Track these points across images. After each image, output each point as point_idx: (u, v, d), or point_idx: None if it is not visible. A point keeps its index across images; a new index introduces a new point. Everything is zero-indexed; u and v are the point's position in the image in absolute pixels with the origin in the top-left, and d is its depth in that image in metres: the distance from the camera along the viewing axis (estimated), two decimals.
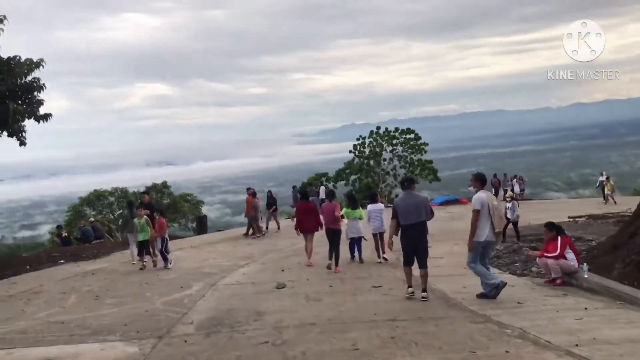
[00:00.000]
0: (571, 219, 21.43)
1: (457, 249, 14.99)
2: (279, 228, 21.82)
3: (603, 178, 30.24)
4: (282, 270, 12.55)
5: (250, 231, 20.55)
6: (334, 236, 12.58)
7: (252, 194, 20.72)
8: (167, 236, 14.25)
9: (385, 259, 13.00)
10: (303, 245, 17.20)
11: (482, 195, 8.52)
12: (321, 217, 13.11)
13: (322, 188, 30.81)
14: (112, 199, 33.48)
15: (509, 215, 16.57)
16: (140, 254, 14.17)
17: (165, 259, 13.91)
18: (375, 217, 13.25)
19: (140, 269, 13.72)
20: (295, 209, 14.42)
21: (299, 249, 16.45)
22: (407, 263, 8.95)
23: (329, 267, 12.27)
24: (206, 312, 8.67)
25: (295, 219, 13.68)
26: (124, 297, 10.37)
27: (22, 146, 17.14)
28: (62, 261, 16.38)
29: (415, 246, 8.85)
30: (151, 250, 14.37)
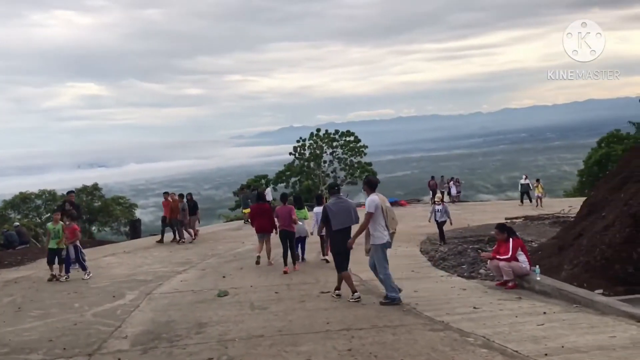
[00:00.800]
0: (508, 220, 21.76)
1: (402, 251, 14.81)
2: (195, 236, 19.90)
3: (524, 181, 30.86)
4: (224, 277, 11.86)
5: (178, 236, 19.56)
6: (289, 238, 12.59)
7: (180, 196, 19.84)
8: (79, 243, 12.91)
9: (327, 261, 12.91)
10: (243, 250, 16.62)
11: (375, 198, 8.48)
12: (275, 219, 12.97)
13: (269, 190, 30.25)
14: (39, 201, 31.52)
15: (437, 218, 16.99)
16: (50, 262, 12.53)
17: (84, 267, 12.70)
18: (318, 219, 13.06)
19: (49, 279, 12.26)
20: (250, 210, 14.20)
21: (239, 254, 15.81)
22: (344, 268, 9.02)
23: (285, 272, 11.99)
24: (142, 324, 7.91)
25: (250, 220, 13.51)
26: (49, 308, 9.40)
27: None
28: None
29: (347, 250, 8.94)
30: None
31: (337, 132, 43.65)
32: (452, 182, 36.11)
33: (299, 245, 13.41)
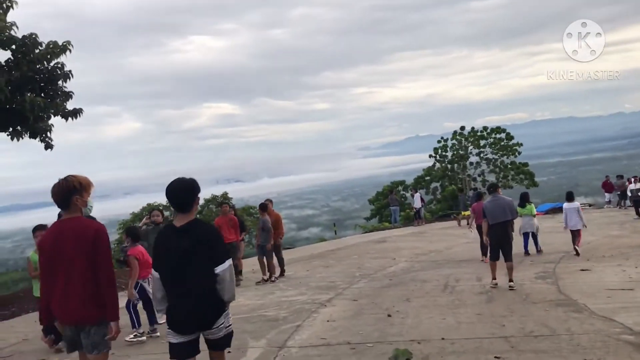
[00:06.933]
0: None
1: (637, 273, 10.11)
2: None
3: (635, 186, 23.18)
4: (389, 315, 7.88)
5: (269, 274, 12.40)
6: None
7: (262, 207, 12.69)
8: (141, 281, 7.49)
9: (577, 252, 12.96)
10: (398, 269, 12.74)
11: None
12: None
13: (417, 195, 26.27)
14: (167, 213, 29.79)
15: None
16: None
17: (134, 322, 7.36)
18: (570, 214, 13.46)
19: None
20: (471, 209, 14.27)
21: (395, 274, 11.93)
22: (494, 258, 9.78)
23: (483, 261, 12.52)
24: None
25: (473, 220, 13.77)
26: None
27: (49, 149, 13.73)
28: None
29: (501, 242, 9.72)
30: None
31: (485, 129, 38.29)
32: (634, 181, 29.43)
33: (530, 239, 13.85)
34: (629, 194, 24.77)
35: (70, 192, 4.03)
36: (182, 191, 4.01)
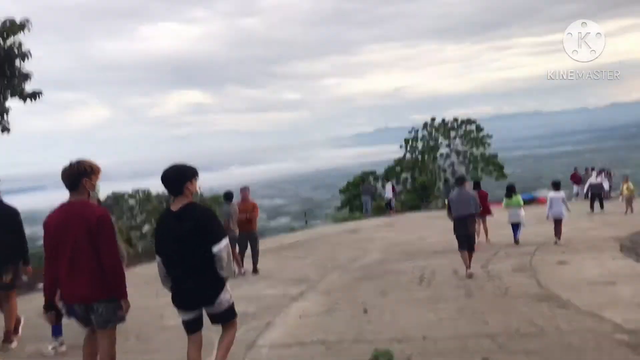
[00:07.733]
0: None
1: (622, 265, 9.96)
2: None
3: (595, 180, 23.47)
4: (365, 311, 7.45)
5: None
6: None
7: (227, 196, 12.09)
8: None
9: (556, 242, 13.09)
10: (371, 260, 12.40)
11: None
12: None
13: (388, 185, 25.98)
14: (132, 201, 28.96)
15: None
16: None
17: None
18: (555, 204, 13.44)
19: None
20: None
21: (368, 266, 11.62)
22: (462, 248, 9.93)
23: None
24: None
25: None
26: None
27: (5, 132, 12.97)
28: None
29: (466, 233, 9.93)
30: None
31: (456, 120, 38.27)
32: (603, 174, 29.51)
33: (516, 230, 13.79)
34: (586, 186, 24.49)
35: (81, 174, 4.29)
36: (171, 176, 4.29)
